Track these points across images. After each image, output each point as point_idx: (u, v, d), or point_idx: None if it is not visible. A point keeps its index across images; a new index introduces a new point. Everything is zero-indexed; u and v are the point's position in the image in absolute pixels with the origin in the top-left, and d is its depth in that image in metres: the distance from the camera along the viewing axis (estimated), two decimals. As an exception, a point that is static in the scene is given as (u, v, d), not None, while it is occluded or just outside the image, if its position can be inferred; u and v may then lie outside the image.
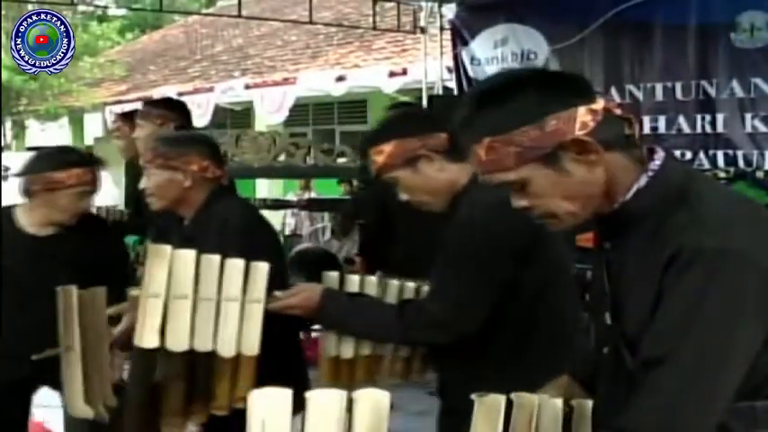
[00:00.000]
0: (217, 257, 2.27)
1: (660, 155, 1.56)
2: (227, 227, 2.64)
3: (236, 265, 2.27)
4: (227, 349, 2.27)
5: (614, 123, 1.54)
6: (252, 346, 2.28)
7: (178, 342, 2.24)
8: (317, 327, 2.75)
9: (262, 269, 2.29)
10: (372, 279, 2.51)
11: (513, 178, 1.55)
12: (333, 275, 2.49)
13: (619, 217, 1.56)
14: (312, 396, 1.41)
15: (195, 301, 2.24)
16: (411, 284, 2.52)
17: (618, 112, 1.54)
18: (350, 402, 1.44)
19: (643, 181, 1.53)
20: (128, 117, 4.88)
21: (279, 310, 2.38)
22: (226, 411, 2.32)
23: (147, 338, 2.22)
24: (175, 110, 4.29)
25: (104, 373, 2.54)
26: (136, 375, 2.35)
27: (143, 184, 2.82)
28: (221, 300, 2.26)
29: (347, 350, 2.47)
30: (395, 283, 2.51)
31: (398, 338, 2.41)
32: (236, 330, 2.28)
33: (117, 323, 2.66)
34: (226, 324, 2.27)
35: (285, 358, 2.64)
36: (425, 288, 2.45)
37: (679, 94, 5.58)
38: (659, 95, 5.66)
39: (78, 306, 2.50)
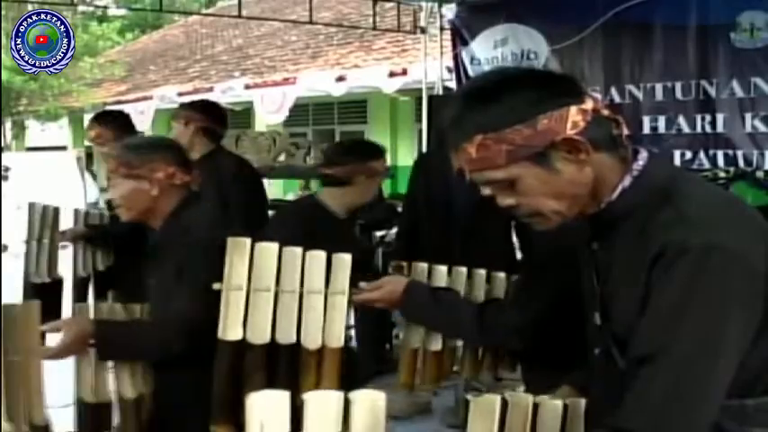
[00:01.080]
0: (299, 249, 2.29)
1: (643, 155, 1.57)
2: (190, 237, 2.57)
3: (318, 256, 2.29)
4: (311, 341, 2.28)
5: (602, 124, 1.55)
6: (337, 337, 2.30)
7: (259, 334, 2.25)
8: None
9: (345, 261, 2.31)
10: (462, 270, 2.52)
11: (502, 176, 1.56)
12: (422, 266, 2.51)
13: (605, 217, 1.57)
14: (309, 397, 1.41)
15: (278, 294, 2.26)
16: (501, 275, 2.54)
17: (605, 112, 1.56)
18: (347, 403, 1.44)
19: (627, 181, 1.55)
20: (104, 120, 4.79)
21: (363, 303, 2.41)
22: None
23: (231, 331, 2.24)
24: (202, 111, 4.37)
25: (34, 389, 2.38)
26: (220, 369, 2.35)
27: (109, 194, 2.76)
28: (304, 292, 2.27)
29: (435, 342, 2.49)
30: (482, 273, 2.53)
31: (476, 339, 2.43)
32: (321, 322, 2.29)
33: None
34: (309, 316, 2.28)
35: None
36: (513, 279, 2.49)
37: (679, 94, 5.58)
38: (659, 95, 5.66)
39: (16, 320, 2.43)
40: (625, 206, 1.55)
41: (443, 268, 2.50)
